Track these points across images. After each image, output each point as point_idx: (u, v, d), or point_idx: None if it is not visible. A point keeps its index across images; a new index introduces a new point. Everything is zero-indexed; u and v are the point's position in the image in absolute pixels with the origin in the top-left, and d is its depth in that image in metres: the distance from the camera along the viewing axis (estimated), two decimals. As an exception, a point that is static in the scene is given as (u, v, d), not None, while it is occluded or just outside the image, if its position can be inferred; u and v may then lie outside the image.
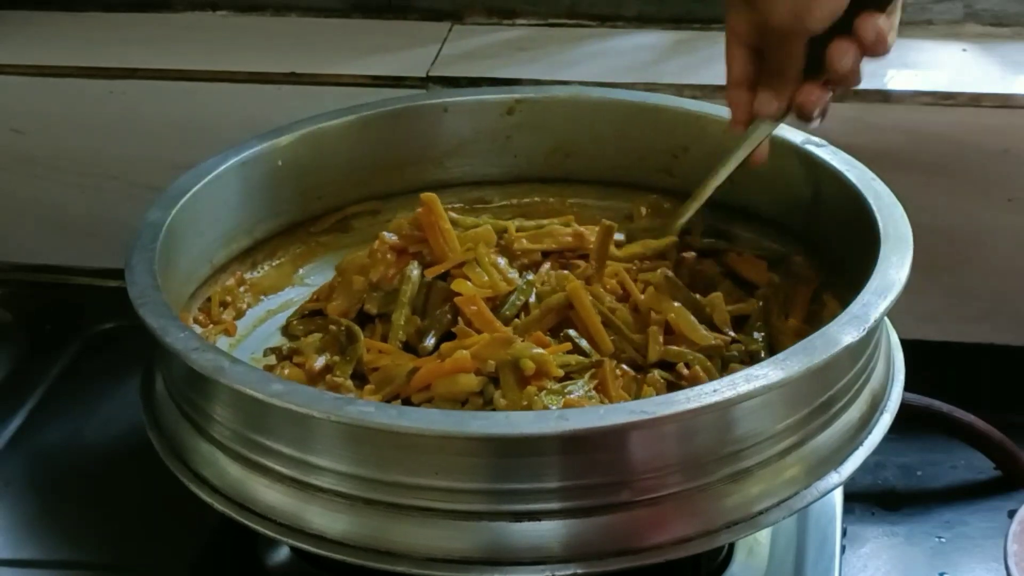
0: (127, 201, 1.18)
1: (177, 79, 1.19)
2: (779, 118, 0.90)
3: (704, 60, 1.16)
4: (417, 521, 0.73)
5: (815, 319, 0.91)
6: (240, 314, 0.98)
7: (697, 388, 0.72)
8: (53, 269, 1.26)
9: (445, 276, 0.92)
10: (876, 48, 0.84)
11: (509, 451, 0.72)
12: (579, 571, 0.72)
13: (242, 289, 0.99)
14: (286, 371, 0.91)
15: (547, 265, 0.95)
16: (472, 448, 0.73)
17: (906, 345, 0.89)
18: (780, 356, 0.74)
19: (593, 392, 0.84)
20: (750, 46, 0.89)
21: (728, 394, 0.72)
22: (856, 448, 0.79)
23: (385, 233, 0.96)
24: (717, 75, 1.10)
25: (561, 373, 0.84)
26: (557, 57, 1.18)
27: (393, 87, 1.14)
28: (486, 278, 0.91)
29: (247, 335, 0.97)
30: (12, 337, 1.16)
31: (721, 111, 1.01)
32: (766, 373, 0.73)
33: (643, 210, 1.03)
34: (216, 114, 1.17)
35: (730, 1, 0.89)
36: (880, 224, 0.85)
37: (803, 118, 0.88)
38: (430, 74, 1.16)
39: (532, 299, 0.91)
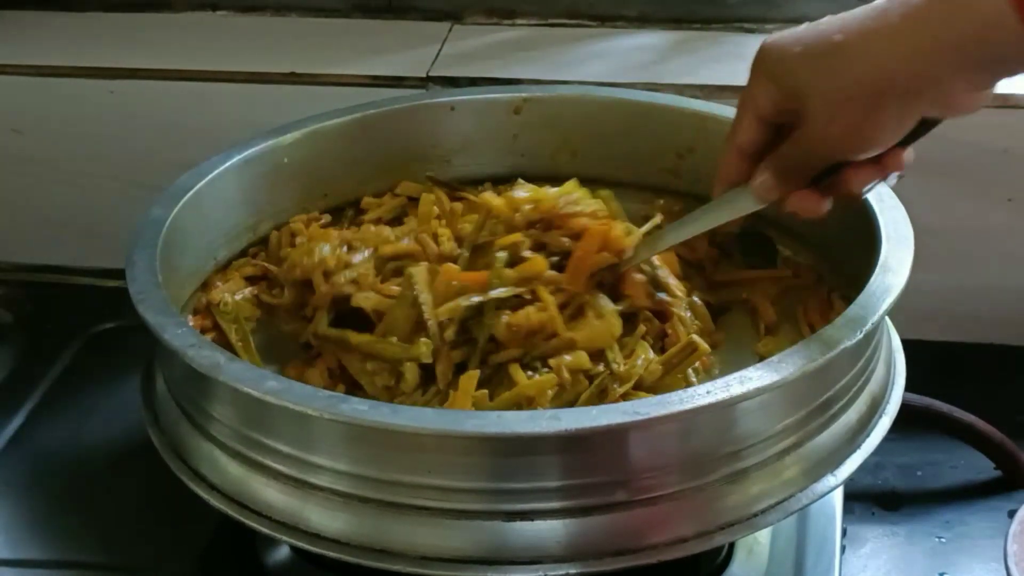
0: (127, 201, 1.18)
1: (177, 79, 1.19)
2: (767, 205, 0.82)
3: (705, 60, 1.16)
4: (415, 520, 0.74)
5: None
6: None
7: (691, 389, 0.72)
8: (53, 269, 1.26)
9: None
10: (895, 171, 0.78)
11: (503, 450, 0.72)
12: (575, 571, 0.72)
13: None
14: None
15: None
16: (466, 447, 0.73)
17: (906, 345, 0.89)
18: (776, 358, 0.74)
19: None
20: (767, 122, 0.79)
21: (722, 396, 0.72)
22: (854, 451, 0.79)
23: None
24: (718, 75, 1.10)
25: None
26: (557, 57, 1.18)
27: (393, 87, 1.14)
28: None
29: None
30: (12, 337, 1.16)
31: (728, 111, 1.00)
32: (761, 375, 0.73)
33: (658, 215, 1.03)
34: (216, 114, 1.17)
35: (757, 72, 0.77)
36: (882, 225, 0.85)
37: (799, 216, 0.80)
38: (430, 74, 1.16)
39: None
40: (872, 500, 0.98)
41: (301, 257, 0.92)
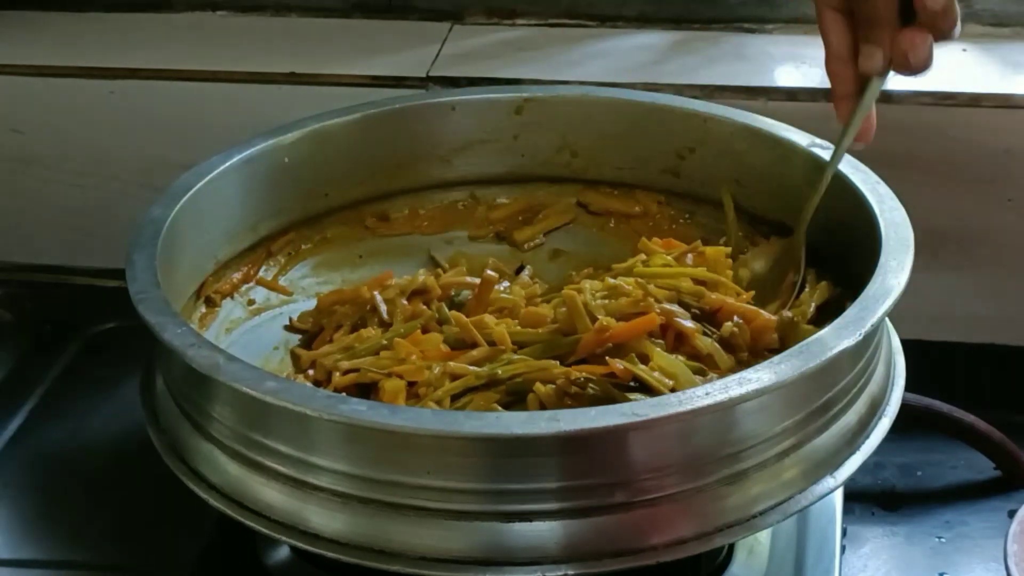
0: (127, 201, 1.18)
1: (177, 79, 1.19)
2: (885, 72, 0.86)
3: (705, 60, 1.16)
4: (413, 521, 0.73)
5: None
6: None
7: (690, 391, 0.72)
8: (53, 269, 1.26)
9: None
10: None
11: (501, 451, 0.72)
12: (574, 572, 0.72)
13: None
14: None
15: None
16: (464, 448, 0.73)
17: (906, 345, 0.89)
18: (776, 359, 0.74)
19: None
20: (842, 10, 0.86)
21: (721, 397, 0.71)
22: (854, 452, 0.79)
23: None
24: (718, 75, 1.10)
25: None
26: (557, 57, 1.18)
27: (393, 87, 1.14)
28: None
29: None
30: (12, 337, 1.16)
31: (728, 112, 1.00)
32: (760, 377, 0.73)
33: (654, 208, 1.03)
34: (216, 114, 1.17)
35: None
36: (882, 227, 0.85)
37: (910, 69, 0.84)
38: (430, 74, 1.16)
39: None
40: (872, 500, 0.98)
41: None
